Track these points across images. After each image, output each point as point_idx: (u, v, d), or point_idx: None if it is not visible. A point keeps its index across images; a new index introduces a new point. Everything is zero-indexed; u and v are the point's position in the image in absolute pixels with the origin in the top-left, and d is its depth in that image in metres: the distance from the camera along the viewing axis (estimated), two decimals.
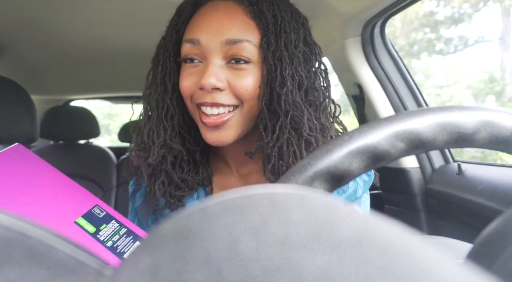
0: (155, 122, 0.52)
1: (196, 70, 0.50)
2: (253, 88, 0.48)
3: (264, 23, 0.48)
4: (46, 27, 1.12)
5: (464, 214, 0.96)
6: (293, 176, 0.25)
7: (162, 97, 0.52)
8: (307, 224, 0.11)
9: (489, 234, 0.22)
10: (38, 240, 0.12)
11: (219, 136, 0.49)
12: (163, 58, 0.53)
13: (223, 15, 0.48)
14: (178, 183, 0.53)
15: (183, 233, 0.12)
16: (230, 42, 0.47)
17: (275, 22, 0.49)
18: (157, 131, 0.52)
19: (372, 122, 0.25)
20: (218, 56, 0.48)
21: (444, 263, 0.11)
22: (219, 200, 0.13)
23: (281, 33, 0.48)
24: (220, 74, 0.47)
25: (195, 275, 0.10)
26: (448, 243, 0.36)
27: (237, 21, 0.48)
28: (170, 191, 0.53)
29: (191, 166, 0.55)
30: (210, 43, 0.48)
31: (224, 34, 0.47)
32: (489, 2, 5.16)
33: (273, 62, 0.48)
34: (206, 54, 0.48)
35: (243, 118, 0.50)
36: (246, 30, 0.48)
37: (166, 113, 0.52)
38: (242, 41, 0.47)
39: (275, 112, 0.49)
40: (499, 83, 4.42)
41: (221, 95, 0.48)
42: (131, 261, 0.12)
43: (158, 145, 0.51)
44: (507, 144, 0.25)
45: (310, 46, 0.53)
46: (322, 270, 0.10)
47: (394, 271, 0.10)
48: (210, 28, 0.48)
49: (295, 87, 0.49)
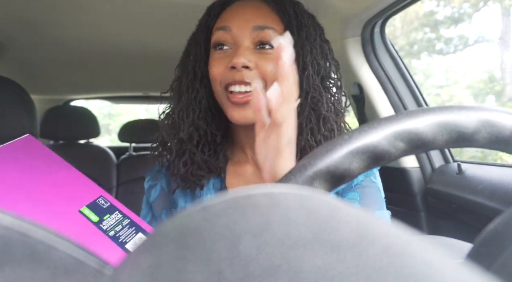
0: (185, 104, 0.59)
1: (225, 55, 0.56)
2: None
3: (287, 18, 0.56)
4: (46, 27, 1.12)
5: (464, 213, 0.96)
6: (293, 176, 0.25)
7: (192, 83, 0.59)
8: (307, 224, 0.11)
9: (489, 233, 0.22)
10: (38, 240, 0.12)
11: (244, 114, 0.54)
12: (194, 49, 0.60)
13: (252, 9, 0.56)
14: (200, 164, 0.59)
15: (183, 232, 0.12)
16: (257, 28, 0.54)
17: (295, 17, 0.56)
18: (186, 112, 0.59)
19: (372, 122, 0.25)
20: (247, 41, 0.54)
21: (444, 263, 0.11)
22: (220, 200, 0.13)
23: (302, 27, 0.56)
24: (249, 55, 0.53)
25: (195, 274, 0.10)
26: (448, 243, 0.36)
27: (263, 13, 0.56)
28: (192, 170, 0.58)
29: (211, 151, 0.61)
30: (241, 29, 0.54)
31: (253, 22, 0.54)
32: (489, 2, 5.16)
33: (296, 50, 0.53)
34: (236, 39, 0.55)
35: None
36: (271, 20, 0.56)
37: (196, 97, 0.59)
38: (268, 28, 0.54)
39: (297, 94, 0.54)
40: (499, 83, 4.43)
41: (249, 73, 0.53)
42: (131, 260, 0.12)
43: (187, 123, 0.58)
44: (507, 143, 0.25)
45: (325, 43, 0.60)
46: (322, 270, 0.10)
47: (394, 271, 0.10)
48: (240, 17, 0.55)
49: (314, 72, 0.56)
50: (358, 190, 0.59)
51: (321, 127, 0.55)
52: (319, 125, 0.55)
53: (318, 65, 0.56)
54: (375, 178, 0.61)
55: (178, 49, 1.48)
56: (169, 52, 1.42)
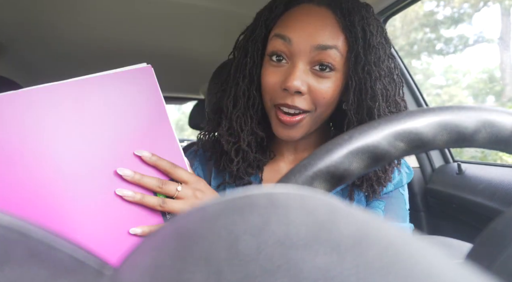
0: (242, 110, 0.56)
1: (280, 69, 0.52)
2: (330, 96, 0.52)
3: (354, 37, 0.50)
4: (46, 27, 1.12)
5: (464, 213, 0.96)
6: (293, 176, 0.25)
7: (249, 87, 0.56)
8: (307, 224, 0.11)
9: (489, 234, 0.22)
10: (38, 240, 0.12)
11: (289, 133, 0.54)
12: (252, 50, 0.55)
13: (317, 20, 0.50)
14: (251, 162, 0.59)
15: (183, 233, 0.12)
16: (320, 47, 0.49)
17: (364, 36, 0.50)
18: (244, 119, 0.56)
19: (372, 122, 0.25)
20: (305, 59, 0.50)
21: (444, 263, 0.11)
22: (218, 200, 0.13)
23: (370, 49, 0.50)
24: (304, 78, 0.50)
25: (195, 275, 0.10)
26: (448, 243, 0.36)
27: (328, 29, 0.50)
28: (243, 168, 0.58)
29: (259, 148, 0.61)
30: (301, 45, 0.50)
31: (316, 40, 0.49)
32: (489, 2, 5.16)
33: (363, 75, 0.51)
34: (294, 55, 0.51)
35: (314, 120, 0.54)
36: (337, 39, 0.50)
37: (253, 102, 0.57)
38: (331, 48, 0.49)
39: (361, 121, 0.53)
40: (499, 83, 4.43)
41: (300, 99, 0.51)
42: (131, 260, 0.12)
43: (246, 131, 0.56)
44: (507, 143, 0.25)
45: (393, 60, 0.55)
46: (322, 270, 0.10)
47: (394, 271, 0.10)
48: (303, 31, 0.50)
49: (384, 101, 0.52)
50: (384, 199, 0.59)
51: None
52: None
53: (387, 91, 0.52)
54: (403, 190, 0.61)
55: (178, 49, 1.48)
56: (169, 52, 1.43)
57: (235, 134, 0.57)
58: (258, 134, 0.58)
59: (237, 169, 0.58)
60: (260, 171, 0.62)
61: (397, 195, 0.60)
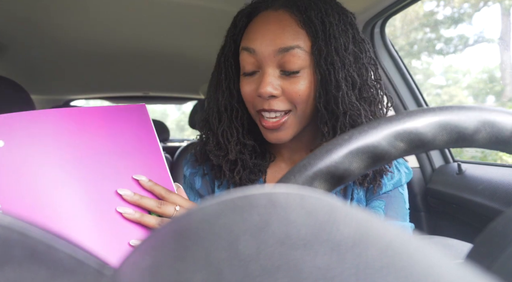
0: (226, 123, 0.59)
1: (254, 78, 0.55)
2: (304, 92, 0.53)
3: (314, 31, 0.51)
4: (47, 27, 1.12)
5: (464, 213, 0.96)
6: (293, 176, 0.25)
7: (230, 101, 0.59)
8: (307, 224, 0.11)
9: (489, 233, 0.22)
10: (38, 240, 0.12)
11: (277, 136, 0.55)
12: (225, 67, 0.59)
13: (275, 25, 0.52)
14: (252, 168, 0.60)
15: (183, 233, 0.12)
16: (282, 50, 0.51)
17: (323, 29, 0.51)
18: (230, 132, 0.59)
19: (372, 122, 0.25)
20: (272, 64, 0.52)
21: (444, 263, 0.11)
22: (217, 200, 0.13)
23: (330, 39, 0.51)
24: (275, 83, 0.52)
25: (195, 275, 0.10)
26: (448, 243, 0.36)
27: (287, 30, 0.51)
28: (245, 176, 0.60)
29: (258, 152, 0.62)
30: (265, 52, 0.52)
31: (277, 44, 0.51)
32: (489, 2, 5.16)
33: (326, 67, 0.51)
34: (262, 63, 0.53)
35: (298, 119, 0.55)
36: (297, 38, 0.51)
37: (236, 115, 0.59)
38: (293, 48, 0.51)
39: (333, 112, 0.53)
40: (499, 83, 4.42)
41: (276, 101, 0.53)
42: (131, 261, 0.12)
43: (233, 142, 0.58)
44: (507, 143, 0.25)
45: (359, 45, 0.55)
46: (322, 270, 0.10)
47: (394, 271, 0.10)
48: (264, 39, 0.52)
49: (350, 88, 0.53)
50: (384, 199, 0.59)
51: None
52: None
53: (353, 78, 0.52)
54: (403, 190, 0.62)
55: (178, 49, 1.48)
56: (169, 52, 1.43)
57: (223, 148, 0.59)
58: (246, 144, 0.59)
59: (239, 178, 0.59)
60: (263, 174, 0.62)
61: (397, 194, 0.60)
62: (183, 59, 1.49)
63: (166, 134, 2.25)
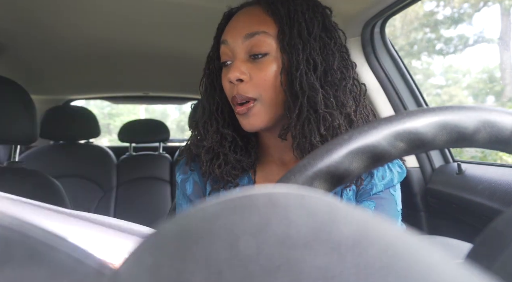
0: (208, 116, 0.62)
1: (228, 68, 0.58)
2: (270, 78, 0.55)
3: (279, 17, 0.55)
4: (46, 27, 1.12)
5: (464, 213, 0.96)
6: (293, 176, 0.25)
7: (212, 95, 0.63)
8: (307, 223, 0.11)
9: (489, 233, 0.22)
10: (38, 240, 0.12)
11: (249, 122, 0.57)
12: (208, 63, 0.64)
13: (244, 16, 0.57)
14: (234, 163, 0.61)
15: (183, 233, 0.12)
16: (248, 36, 0.55)
17: (289, 15, 0.55)
18: (210, 123, 0.62)
19: (372, 122, 0.25)
20: (241, 51, 0.56)
21: (444, 263, 0.11)
22: (217, 200, 0.13)
23: (294, 24, 0.54)
24: (243, 67, 0.55)
25: (195, 275, 0.10)
26: (448, 243, 0.36)
27: (254, 19, 0.56)
28: (227, 171, 0.61)
29: (243, 150, 0.64)
30: (235, 41, 0.56)
31: (244, 31, 0.55)
32: (489, 2, 5.16)
33: (289, 50, 0.54)
34: (233, 52, 0.57)
35: (266, 106, 0.57)
36: (264, 24, 0.55)
37: (217, 108, 0.62)
38: (259, 33, 0.54)
39: (295, 95, 0.55)
40: (499, 83, 4.42)
41: (244, 86, 0.55)
42: (131, 260, 0.12)
43: (211, 131, 0.61)
44: (507, 143, 0.25)
45: (328, 32, 0.57)
46: (322, 270, 0.10)
47: (394, 271, 0.10)
48: (234, 29, 0.57)
49: (310, 70, 0.54)
50: (375, 199, 0.59)
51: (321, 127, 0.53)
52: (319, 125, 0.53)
53: (314, 60, 0.54)
54: (394, 191, 0.61)
55: (178, 49, 1.48)
56: (169, 52, 1.43)
57: (202, 137, 0.62)
58: (224, 133, 0.61)
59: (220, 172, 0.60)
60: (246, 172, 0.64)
61: (387, 196, 0.59)
62: (183, 59, 1.49)
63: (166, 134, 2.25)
